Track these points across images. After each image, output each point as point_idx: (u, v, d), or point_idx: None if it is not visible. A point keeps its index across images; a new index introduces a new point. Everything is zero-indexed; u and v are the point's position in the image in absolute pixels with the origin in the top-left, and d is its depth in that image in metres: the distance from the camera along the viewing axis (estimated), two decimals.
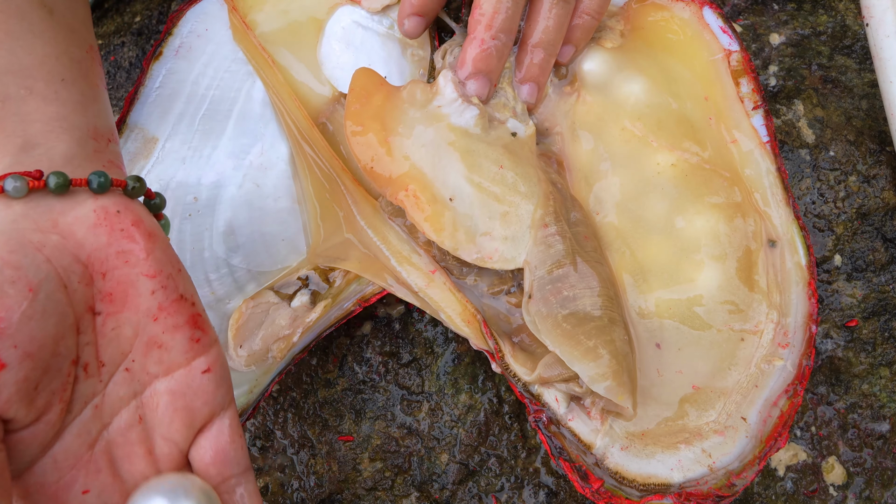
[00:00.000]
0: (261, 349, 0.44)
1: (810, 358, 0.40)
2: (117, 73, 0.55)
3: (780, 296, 0.42)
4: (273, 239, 0.48)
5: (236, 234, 0.48)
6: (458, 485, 0.46)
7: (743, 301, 0.41)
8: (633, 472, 0.38)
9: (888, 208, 0.50)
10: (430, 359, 0.47)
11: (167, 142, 0.49)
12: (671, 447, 0.39)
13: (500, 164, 0.41)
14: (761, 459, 0.38)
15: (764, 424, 0.39)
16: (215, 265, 0.47)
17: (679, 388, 0.40)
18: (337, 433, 0.47)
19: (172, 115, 0.49)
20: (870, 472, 0.47)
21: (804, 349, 0.40)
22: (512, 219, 0.41)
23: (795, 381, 0.40)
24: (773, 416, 0.39)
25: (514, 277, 0.43)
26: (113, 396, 0.32)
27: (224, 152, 0.49)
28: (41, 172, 0.31)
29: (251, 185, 0.49)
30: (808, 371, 0.40)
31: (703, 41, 0.47)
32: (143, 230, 0.33)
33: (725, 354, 0.41)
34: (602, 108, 0.45)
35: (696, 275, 0.42)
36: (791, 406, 0.39)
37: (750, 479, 0.38)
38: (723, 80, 0.47)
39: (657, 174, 0.44)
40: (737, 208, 0.43)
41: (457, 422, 0.46)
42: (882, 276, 0.49)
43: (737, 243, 0.42)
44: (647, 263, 0.42)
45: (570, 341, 0.38)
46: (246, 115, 0.50)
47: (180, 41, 0.49)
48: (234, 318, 0.45)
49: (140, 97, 0.48)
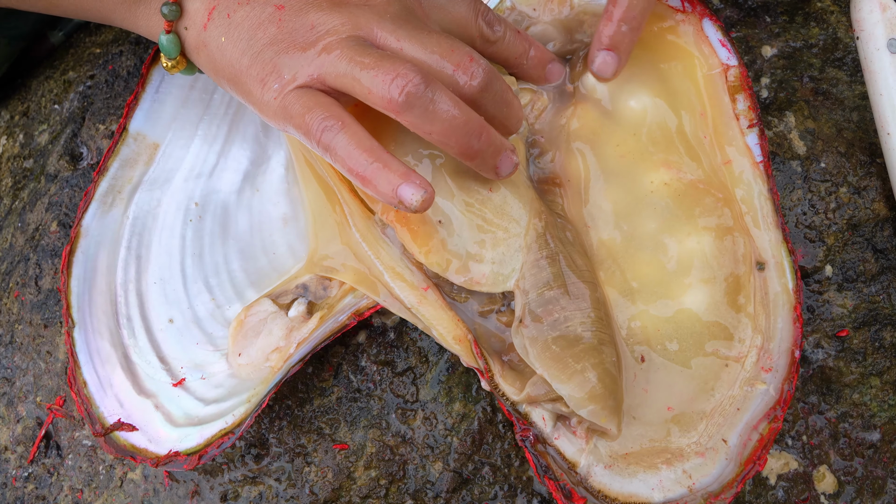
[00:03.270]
0: (258, 358, 0.44)
1: (793, 383, 0.41)
2: (115, 83, 0.56)
3: (766, 319, 0.42)
4: (272, 245, 0.48)
5: (236, 239, 0.48)
6: (452, 493, 0.46)
7: (730, 324, 0.42)
8: (616, 490, 0.39)
9: (878, 219, 0.50)
10: (424, 368, 0.48)
11: (167, 147, 0.49)
12: (652, 467, 0.39)
13: (490, 186, 0.41)
14: (739, 482, 0.39)
15: (744, 447, 0.40)
16: (215, 270, 0.47)
17: (663, 409, 0.41)
18: (332, 441, 0.47)
19: (172, 120, 0.49)
20: (861, 481, 0.47)
21: (787, 374, 0.41)
22: (501, 242, 0.41)
23: (777, 406, 0.40)
24: (752, 440, 0.40)
25: (505, 297, 0.43)
26: None
27: (224, 158, 0.49)
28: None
29: (251, 191, 0.49)
30: (789, 396, 0.41)
31: (701, 54, 0.47)
32: None
33: (710, 376, 0.41)
34: (599, 123, 0.45)
35: (684, 296, 0.42)
36: (771, 430, 0.40)
37: (728, 500, 0.39)
38: (720, 95, 0.46)
39: (650, 192, 0.44)
40: (728, 231, 0.43)
41: (451, 430, 0.47)
42: (873, 287, 0.49)
43: (727, 266, 0.42)
44: (637, 283, 0.43)
45: (558, 364, 0.38)
46: (246, 121, 0.50)
47: None
48: (233, 325, 0.45)
49: (140, 103, 0.49)
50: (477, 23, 0.42)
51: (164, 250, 0.48)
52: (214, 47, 0.38)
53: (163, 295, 0.47)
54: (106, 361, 0.45)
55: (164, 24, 0.38)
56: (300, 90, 0.37)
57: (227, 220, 0.48)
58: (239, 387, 0.44)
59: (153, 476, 0.48)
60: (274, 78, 0.37)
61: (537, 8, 0.49)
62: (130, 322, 0.46)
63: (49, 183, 0.54)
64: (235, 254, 0.48)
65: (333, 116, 0.36)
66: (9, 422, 0.51)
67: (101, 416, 0.44)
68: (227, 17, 0.37)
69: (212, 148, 0.49)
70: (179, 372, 0.45)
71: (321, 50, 0.36)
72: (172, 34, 0.38)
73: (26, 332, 0.52)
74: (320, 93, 0.37)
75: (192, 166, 0.49)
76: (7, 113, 0.60)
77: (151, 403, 0.44)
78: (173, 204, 0.48)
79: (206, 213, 0.48)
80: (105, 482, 0.49)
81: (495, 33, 0.42)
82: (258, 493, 0.47)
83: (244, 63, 0.37)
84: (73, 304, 0.46)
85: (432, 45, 0.37)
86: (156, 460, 0.42)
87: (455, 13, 0.41)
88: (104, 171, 0.48)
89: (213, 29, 0.37)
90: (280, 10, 0.37)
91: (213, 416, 0.43)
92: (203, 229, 0.48)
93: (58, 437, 0.50)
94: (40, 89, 0.59)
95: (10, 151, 0.58)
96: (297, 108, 0.37)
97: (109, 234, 0.47)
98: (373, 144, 0.36)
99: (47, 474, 0.50)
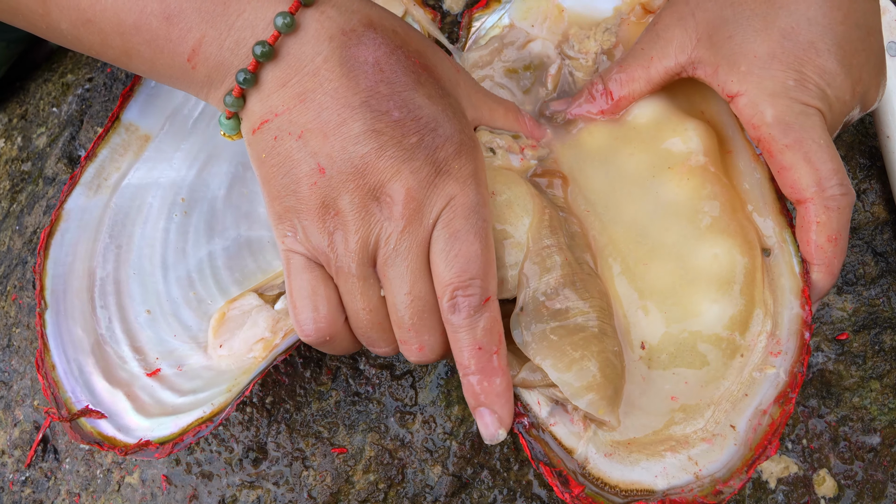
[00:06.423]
0: (241, 349, 0.44)
1: (803, 365, 0.40)
2: (114, 86, 0.56)
3: (775, 304, 0.41)
4: (259, 242, 0.48)
5: (222, 236, 0.48)
6: (451, 497, 0.46)
7: (746, 310, 0.41)
8: (616, 478, 0.38)
9: (878, 222, 0.50)
10: (423, 371, 0.47)
11: (159, 140, 0.49)
12: (656, 455, 0.39)
13: (492, 190, 0.41)
14: (750, 467, 0.38)
15: (754, 432, 0.39)
16: (198, 266, 0.47)
17: (667, 398, 0.40)
18: (330, 445, 0.47)
19: (166, 114, 0.49)
20: (861, 485, 0.47)
21: (797, 356, 0.40)
22: (506, 242, 0.41)
23: (787, 389, 0.39)
24: (763, 424, 0.39)
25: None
26: None
27: (215, 155, 0.49)
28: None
29: (240, 189, 0.49)
30: (800, 378, 0.39)
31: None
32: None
33: (719, 366, 0.41)
34: (612, 134, 0.45)
35: (698, 300, 0.41)
36: (782, 414, 0.39)
37: (737, 487, 0.37)
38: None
39: (652, 177, 0.43)
40: (736, 217, 0.42)
41: (450, 434, 0.47)
42: (872, 290, 0.49)
43: (742, 264, 0.42)
44: (646, 281, 0.42)
45: (556, 353, 0.38)
46: None
47: None
48: (215, 317, 0.45)
49: (135, 94, 0.49)
50: (445, 295, 0.37)
51: (147, 242, 0.47)
52: (254, 153, 0.38)
53: (141, 286, 0.46)
54: (77, 347, 0.44)
55: (226, 111, 0.38)
56: (305, 258, 0.37)
57: (214, 218, 0.48)
58: (218, 378, 0.43)
59: (151, 480, 0.48)
60: (287, 227, 0.37)
61: (535, 24, 0.50)
62: (106, 310, 0.46)
63: (47, 186, 0.54)
64: (220, 251, 0.47)
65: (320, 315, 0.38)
66: (6, 425, 0.51)
67: (67, 400, 0.43)
68: (274, 139, 0.36)
69: (203, 147, 0.49)
70: (154, 363, 0.45)
71: (330, 240, 0.36)
72: (234, 118, 0.38)
73: (24, 335, 0.51)
74: (318, 268, 0.38)
75: (182, 162, 0.49)
76: (5, 116, 0.60)
77: (123, 392, 0.43)
78: (159, 197, 0.48)
79: (193, 209, 0.48)
80: (102, 486, 0.48)
81: (454, 318, 0.37)
82: (256, 498, 0.47)
83: (269, 191, 0.37)
84: (46, 285, 0.45)
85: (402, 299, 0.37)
86: (124, 449, 0.41)
87: (437, 271, 0.37)
88: (92, 157, 0.47)
89: (258, 141, 0.37)
90: (321, 173, 0.36)
91: (189, 405, 0.42)
92: (188, 224, 0.48)
93: (55, 441, 0.50)
94: (39, 92, 0.59)
95: (8, 154, 0.58)
96: (296, 266, 0.38)
97: (91, 220, 0.47)
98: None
99: (45, 478, 0.50)
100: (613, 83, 0.44)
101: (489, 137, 0.43)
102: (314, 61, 0.36)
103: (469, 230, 0.36)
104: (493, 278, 0.37)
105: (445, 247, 0.36)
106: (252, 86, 0.36)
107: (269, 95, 0.36)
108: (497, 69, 0.49)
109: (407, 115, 0.36)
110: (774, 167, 0.40)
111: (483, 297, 0.36)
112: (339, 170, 0.35)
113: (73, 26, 0.38)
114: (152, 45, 0.37)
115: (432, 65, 0.39)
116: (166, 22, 0.36)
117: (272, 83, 0.36)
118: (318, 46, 0.36)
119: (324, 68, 0.35)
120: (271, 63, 0.36)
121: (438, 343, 0.38)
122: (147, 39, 0.37)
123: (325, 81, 0.35)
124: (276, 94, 0.36)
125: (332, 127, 0.35)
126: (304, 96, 0.36)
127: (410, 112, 0.36)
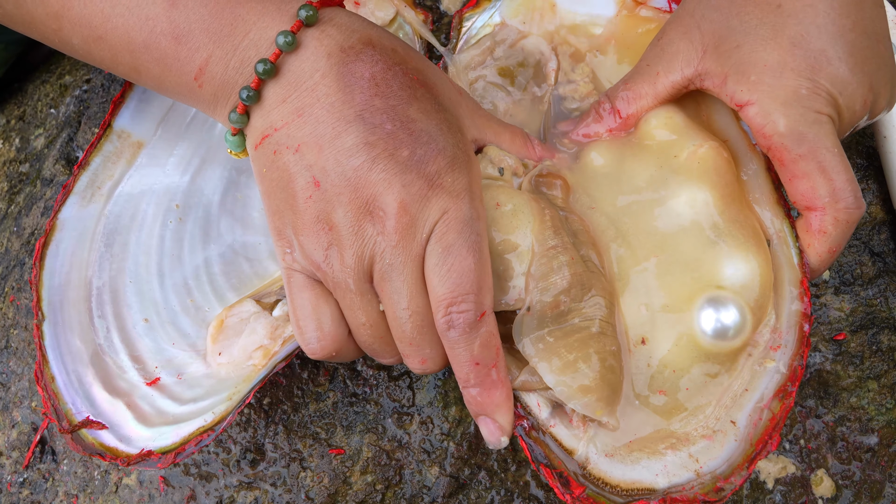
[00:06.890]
0: (240, 357, 0.44)
1: (803, 358, 0.39)
2: (111, 87, 0.56)
3: (776, 297, 0.41)
4: (255, 249, 0.48)
5: (217, 243, 0.48)
6: (449, 498, 0.46)
7: (755, 322, 0.41)
8: (617, 478, 0.38)
9: (875, 222, 0.50)
10: None
11: (152, 147, 0.49)
12: (656, 453, 0.38)
13: (496, 201, 0.41)
14: (751, 463, 0.37)
15: (754, 427, 0.38)
16: (195, 272, 0.47)
17: (669, 397, 0.40)
18: (328, 446, 0.47)
19: (157, 119, 0.49)
20: (858, 485, 0.47)
21: (797, 349, 0.39)
22: (515, 252, 0.40)
23: (787, 383, 0.39)
24: (763, 419, 0.38)
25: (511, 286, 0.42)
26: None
27: (208, 160, 0.49)
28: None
29: (234, 193, 0.49)
30: (800, 371, 0.39)
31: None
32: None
33: (725, 362, 0.40)
34: (620, 144, 0.45)
35: (699, 281, 0.41)
36: (783, 408, 0.38)
37: (738, 483, 0.37)
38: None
39: (660, 167, 0.43)
40: (739, 207, 0.42)
41: (447, 435, 0.47)
42: (870, 290, 0.49)
43: (759, 272, 0.41)
44: (653, 277, 0.42)
45: (551, 355, 0.38)
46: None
47: None
48: (213, 325, 0.45)
49: (126, 101, 0.49)
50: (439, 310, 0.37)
51: (142, 250, 0.47)
52: (257, 169, 0.38)
53: (138, 294, 0.46)
54: (76, 358, 0.44)
55: (231, 128, 0.38)
56: (304, 276, 0.38)
57: (209, 224, 0.48)
58: (218, 386, 0.43)
59: (148, 481, 0.48)
60: (286, 243, 0.37)
61: (526, 21, 0.50)
62: (103, 319, 0.46)
63: (45, 187, 0.54)
64: (216, 258, 0.47)
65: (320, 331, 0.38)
66: (4, 427, 0.51)
67: (68, 412, 0.43)
68: (273, 153, 0.36)
69: (196, 152, 0.49)
70: (154, 371, 0.45)
71: (325, 256, 0.36)
72: (239, 135, 0.39)
73: (21, 336, 0.51)
74: (318, 284, 0.38)
75: (175, 168, 0.49)
76: (3, 117, 0.60)
77: (123, 402, 0.43)
78: (153, 204, 0.48)
79: (188, 215, 0.48)
80: (100, 487, 0.48)
81: (450, 335, 0.37)
82: (254, 499, 0.47)
83: (269, 207, 0.38)
84: (43, 297, 0.45)
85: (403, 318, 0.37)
86: (126, 459, 0.41)
87: (431, 286, 0.37)
88: (85, 166, 0.47)
89: (260, 156, 0.37)
90: (316, 186, 0.36)
91: (190, 414, 0.42)
92: (183, 231, 0.48)
93: (53, 443, 0.50)
94: (36, 93, 0.59)
95: (6, 155, 0.58)
96: (297, 284, 0.38)
97: (86, 230, 0.47)
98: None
99: (42, 479, 0.50)
100: (621, 101, 0.44)
101: (499, 156, 0.43)
102: (313, 77, 0.36)
103: (462, 244, 0.36)
104: (488, 292, 0.37)
105: (439, 261, 0.35)
106: (255, 102, 0.36)
107: (270, 111, 0.36)
108: (490, 68, 0.49)
109: (399, 128, 0.36)
110: (786, 175, 0.40)
111: (478, 313, 0.36)
112: (332, 183, 0.35)
113: (85, 42, 0.39)
114: (161, 64, 0.37)
115: (431, 82, 0.39)
116: (175, 41, 0.36)
117: (273, 99, 0.36)
118: (317, 63, 0.36)
119: (322, 84, 0.36)
120: (273, 80, 0.36)
121: (440, 355, 0.38)
122: (156, 58, 0.37)
123: (322, 96, 0.36)
124: (277, 110, 0.36)
125: (326, 140, 0.35)
126: (302, 111, 0.36)
127: (403, 125, 0.36)
